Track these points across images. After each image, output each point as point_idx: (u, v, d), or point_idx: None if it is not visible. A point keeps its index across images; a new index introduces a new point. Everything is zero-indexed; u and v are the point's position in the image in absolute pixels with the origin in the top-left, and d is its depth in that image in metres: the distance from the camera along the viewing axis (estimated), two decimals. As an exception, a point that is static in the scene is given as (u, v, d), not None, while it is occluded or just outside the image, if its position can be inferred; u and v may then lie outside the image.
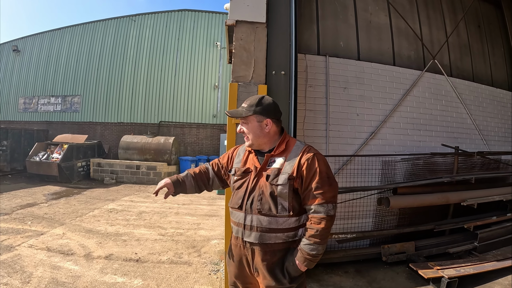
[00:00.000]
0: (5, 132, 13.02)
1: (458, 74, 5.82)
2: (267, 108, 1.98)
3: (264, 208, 1.87)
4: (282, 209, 1.86)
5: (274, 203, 1.86)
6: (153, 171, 12.75)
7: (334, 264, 4.27)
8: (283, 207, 1.86)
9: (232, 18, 3.56)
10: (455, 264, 3.92)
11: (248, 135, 2.00)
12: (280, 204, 1.86)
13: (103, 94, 17.07)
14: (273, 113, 2.00)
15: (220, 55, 16.89)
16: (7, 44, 19.60)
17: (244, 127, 2.01)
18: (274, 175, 1.89)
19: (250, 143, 2.02)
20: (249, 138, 2.00)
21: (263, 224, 1.87)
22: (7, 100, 18.82)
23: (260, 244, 1.89)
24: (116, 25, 17.59)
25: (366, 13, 5.21)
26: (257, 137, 1.99)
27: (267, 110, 1.98)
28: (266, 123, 1.98)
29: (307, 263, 1.84)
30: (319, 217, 1.81)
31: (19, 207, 7.55)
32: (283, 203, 1.86)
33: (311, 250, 1.81)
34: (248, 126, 2.00)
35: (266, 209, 1.87)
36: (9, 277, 3.83)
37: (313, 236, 1.81)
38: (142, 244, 5.22)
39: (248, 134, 2.00)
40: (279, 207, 1.86)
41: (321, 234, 1.80)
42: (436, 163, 5.12)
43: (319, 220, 1.81)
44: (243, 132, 2.02)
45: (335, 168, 4.53)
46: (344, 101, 4.74)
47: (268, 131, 1.99)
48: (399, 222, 4.95)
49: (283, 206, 1.86)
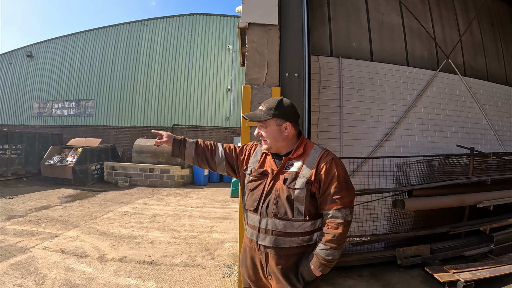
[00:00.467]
0: (20, 136, 13.26)
1: (472, 74, 5.72)
2: (287, 112, 1.95)
3: (280, 212, 1.85)
4: (298, 213, 1.83)
5: (290, 207, 1.84)
6: (167, 174, 12.80)
7: (349, 267, 4.22)
8: (299, 211, 1.83)
9: (244, 21, 3.56)
10: (471, 268, 3.84)
11: (266, 139, 1.96)
12: (296, 208, 1.83)
13: (117, 98, 17.32)
14: (292, 116, 1.97)
15: (232, 58, 17.00)
16: (21, 49, 20.06)
17: (263, 131, 1.97)
18: (292, 178, 1.86)
19: (268, 147, 1.98)
20: (267, 142, 1.97)
21: (278, 228, 1.85)
22: (21, 105, 19.22)
23: (274, 248, 1.87)
24: (129, 30, 17.88)
25: (378, 13, 5.16)
26: (275, 141, 1.95)
27: (286, 113, 1.94)
28: (286, 127, 1.94)
29: (322, 268, 1.81)
30: (336, 222, 1.79)
31: (33, 209, 7.67)
32: (299, 207, 1.83)
33: (327, 255, 1.78)
34: (266, 130, 1.95)
35: (282, 212, 1.85)
36: (23, 279, 3.88)
37: (330, 241, 1.78)
38: (156, 247, 5.25)
39: (267, 138, 1.96)
40: (295, 211, 1.83)
41: (338, 239, 1.78)
42: (451, 165, 5.03)
43: (336, 225, 1.79)
44: (261, 135, 1.98)
45: (350, 171, 4.48)
46: (357, 102, 4.70)
47: (287, 134, 1.95)
48: (414, 224, 4.88)
49: (299, 210, 1.83)
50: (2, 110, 19.91)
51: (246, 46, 3.55)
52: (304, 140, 2.02)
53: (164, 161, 13.22)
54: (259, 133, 1.99)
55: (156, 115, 16.92)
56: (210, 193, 11.51)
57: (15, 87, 19.73)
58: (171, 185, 12.63)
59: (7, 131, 12.84)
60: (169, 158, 13.19)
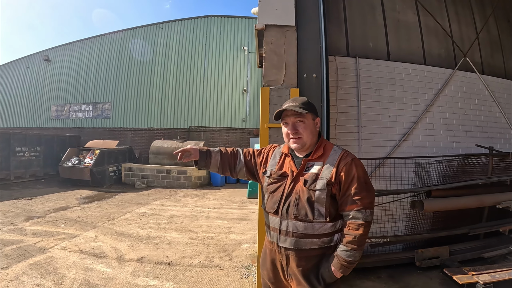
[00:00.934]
0: (38, 139, 13.52)
1: (490, 72, 5.61)
2: (315, 108, 2.00)
3: (300, 214, 1.85)
4: (318, 214, 1.83)
5: (311, 208, 1.83)
6: (184, 175, 12.91)
7: (367, 269, 4.19)
8: (320, 212, 1.83)
9: (261, 22, 3.57)
10: (490, 269, 3.75)
11: (302, 135, 1.92)
12: (317, 210, 1.83)
13: (133, 101, 17.56)
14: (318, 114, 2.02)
15: (248, 59, 17.05)
16: (38, 54, 20.51)
17: (300, 126, 1.93)
18: (312, 180, 1.86)
19: (301, 144, 1.94)
20: (301, 139, 1.93)
21: (299, 230, 1.85)
22: (39, 108, 19.65)
23: (295, 250, 1.87)
24: (144, 33, 18.13)
25: (394, 12, 5.12)
26: (312, 136, 1.95)
27: (315, 109, 1.99)
28: (317, 122, 1.99)
29: (343, 270, 1.80)
30: (357, 223, 1.78)
31: (52, 210, 7.81)
32: (320, 209, 1.83)
33: (348, 257, 1.78)
34: (305, 125, 1.93)
35: (302, 214, 1.85)
36: (42, 278, 3.94)
37: (351, 242, 1.78)
38: (174, 248, 5.29)
39: (304, 133, 1.92)
40: (315, 212, 1.83)
41: (359, 240, 1.77)
42: (470, 165, 4.95)
43: (357, 226, 1.78)
44: (296, 131, 1.93)
45: (368, 171, 4.41)
46: (375, 102, 4.67)
47: (318, 130, 2.00)
48: (432, 226, 4.82)
49: (319, 211, 1.83)
50: (21, 113, 20.42)
51: (263, 47, 3.55)
52: (324, 141, 2.02)
53: (181, 162, 13.17)
54: (294, 128, 1.94)
55: (172, 117, 17.08)
56: (227, 194, 11.55)
57: (32, 90, 20.20)
58: (188, 186, 12.73)
59: (25, 134, 13.14)
60: (186, 159, 13.26)
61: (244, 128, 16.61)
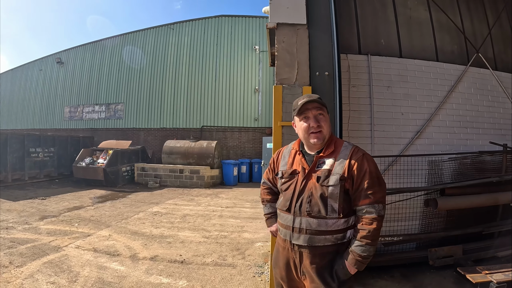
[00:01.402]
0: (52, 140, 13.74)
1: (503, 67, 5.50)
2: None
3: (313, 210, 1.86)
4: (332, 210, 1.84)
5: (324, 204, 1.84)
6: (196, 174, 12.96)
7: (380, 267, 4.16)
8: (333, 208, 1.84)
9: (272, 21, 3.58)
10: (504, 269, 3.70)
11: (323, 127, 1.94)
12: (330, 206, 1.84)
13: (146, 101, 17.70)
14: None
15: (259, 58, 17.05)
16: (50, 56, 20.84)
17: (322, 119, 1.95)
18: (325, 176, 1.87)
19: (323, 136, 1.94)
20: (322, 133, 1.94)
21: (312, 227, 1.86)
22: (53, 109, 19.96)
23: (309, 247, 1.88)
24: (155, 34, 18.24)
25: (406, 8, 5.07)
26: (329, 130, 1.98)
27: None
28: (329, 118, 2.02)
29: (358, 265, 1.81)
30: (370, 217, 1.80)
31: (66, 210, 7.93)
32: (333, 205, 1.84)
33: (363, 252, 1.78)
34: (325, 118, 1.97)
35: (315, 211, 1.85)
36: (56, 276, 4.00)
37: (365, 237, 1.79)
38: (187, 246, 5.33)
39: (324, 125, 1.94)
40: (329, 208, 1.84)
41: (373, 234, 1.78)
42: (484, 162, 4.88)
43: (370, 220, 1.80)
44: (319, 124, 1.93)
45: (381, 169, 4.41)
46: (388, 100, 4.64)
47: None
48: (446, 224, 4.75)
49: (333, 207, 1.84)
50: (35, 115, 20.76)
51: (275, 46, 3.56)
52: (334, 137, 2.04)
53: (194, 162, 13.39)
54: (316, 120, 1.94)
55: (185, 117, 17.15)
56: (239, 193, 11.57)
57: (46, 92, 20.52)
58: (201, 185, 12.79)
59: (39, 135, 13.35)
60: (198, 159, 13.38)
61: (256, 128, 16.59)
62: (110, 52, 18.99)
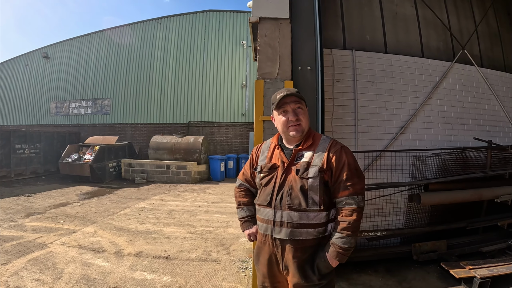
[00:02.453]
0: (38, 136, 13.52)
1: (489, 64, 5.57)
2: None
3: (294, 203, 1.86)
4: (312, 203, 1.84)
5: (304, 197, 1.84)
6: (183, 170, 12.94)
7: (364, 262, 4.19)
8: (314, 201, 1.84)
9: (255, 15, 3.54)
10: (487, 264, 3.75)
11: (302, 121, 1.95)
12: (311, 198, 1.84)
13: (133, 96, 17.57)
14: None
15: (247, 53, 17.04)
16: (37, 51, 20.53)
17: (300, 112, 1.96)
18: (304, 168, 1.88)
19: (302, 130, 1.95)
20: (301, 126, 1.95)
21: (293, 220, 1.86)
22: (39, 105, 19.69)
23: (290, 241, 1.87)
24: (143, 29, 18.09)
25: (392, 4, 5.07)
26: (308, 123, 1.99)
27: None
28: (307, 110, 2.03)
29: (339, 258, 1.81)
30: (350, 209, 1.81)
31: (52, 206, 7.85)
32: (313, 197, 1.84)
33: (344, 244, 1.79)
34: (304, 112, 1.98)
35: (296, 203, 1.85)
36: (41, 273, 3.96)
37: (345, 229, 1.79)
38: (172, 242, 5.30)
39: (303, 118, 1.95)
40: (309, 201, 1.84)
41: (353, 226, 1.79)
42: (469, 158, 4.92)
43: (350, 212, 1.81)
44: (298, 117, 1.94)
45: (365, 164, 4.45)
46: (372, 95, 4.64)
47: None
48: (430, 219, 4.80)
49: (313, 200, 1.84)
50: (20, 111, 20.45)
51: (258, 40, 3.53)
52: (312, 131, 2.06)
53: (181, 157, 13.34)
54: (295, 114, 1.95)
55: (172, 112, 17.08)
56: (226, 188, 11.56)
57: (32, 88, 20.22)
58: (188, 181, 12.77)
59: (25, 131, 13.12)
60: (185, 154, 13.33)
61: (243, 123, 16.59)
62: (97, 47, 18.76)
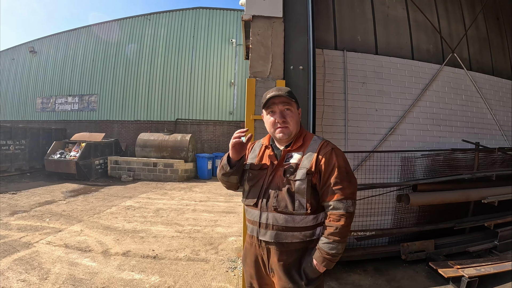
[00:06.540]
0: (23, 132, 13.25)
1: (478, 68, 5.67)
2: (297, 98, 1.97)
3: (280, 205, 1.79)
4: (299, 206, 1.77)
5: (291, 200, 1.78)
6: (170, 168, 12.83)
7: (353, 262, 4.21)
8: (301, 204, 1.77)
9: (248, 13, 3.52)
10: (475, 263, 3.82)
11: (289, 123, 1.88)
12: (298, 201, 1.78)
13: (120, 93, 17.36)
14: None
15: (236, 52, 17.01)
16: (23, 45, 20.08)
17: (288, 114, 1.89)
18: (292, 170, 1.82)
19: (289, 132, 1.88)
20: (288, 128, 1.88)
21: (279, 222, 1.80)
22: (25, 100, 19.28)
23: (276, 243, 1.82)
24: (132, 24, 17.88)
25: (383, 6, 5.11)
26: (297, 125, 1.91)
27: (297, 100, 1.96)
28: (299, 112, 1.97)
29: (326, 263, 1.75)
30: (338, 214, 1.73)
31: (37, 204, 7.69)
32: (300, 200, 1.77)
33: (331, 249, 1.72)
34: (292, 113, 1.89)
35: (282, 206, 1.79)
36: (26, 274, 3.88)
37: (333, 234, 1.72)
38: (160, 241, 5.25)
39: (291, 121, 1.88)
40: (296, 204, 1.77)
41: (340, 231, 1.72)
42: (456, 159, 5.00)
43: (338, 217, 1.72)
44: (285, 119, 1.87)
45: (354, 165, 4.47)
46: (362, 96, 4.67)
47: (300, 120, 1.97)
48: (418, 219, 4.86)
49: (300, 203, 1.77)
50: (5, 106, 19.95)
51: (250, 39, 3.51)
52: (303, 131, 1.99)
53: (168, 155, 13.24)
54: (282, 116, 1.88)
55: (159, 109, 16.95)
56: (214, 187, 11.50)
57: (18, 83, 19.75)
58: (175, 179, 12.67)
59: (10, 127, 12.85)
60: (172, 152, 13.23)
61: (231, 121, 16.57)
62: (85, 42, 18.46)
